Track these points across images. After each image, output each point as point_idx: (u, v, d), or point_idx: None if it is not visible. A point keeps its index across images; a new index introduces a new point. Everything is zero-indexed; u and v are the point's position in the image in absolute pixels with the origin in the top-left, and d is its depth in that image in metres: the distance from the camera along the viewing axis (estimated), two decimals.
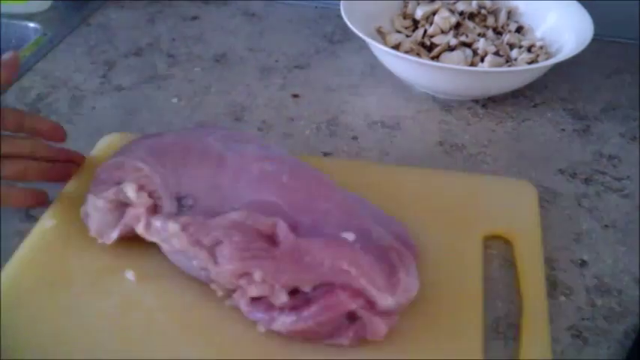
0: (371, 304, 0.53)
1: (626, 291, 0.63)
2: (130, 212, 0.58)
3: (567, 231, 0.69)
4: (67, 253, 0.61)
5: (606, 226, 0.70)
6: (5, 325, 0.55)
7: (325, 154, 0.78)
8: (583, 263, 0.65)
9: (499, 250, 0.65)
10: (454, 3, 0.95)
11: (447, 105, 0.88)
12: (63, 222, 0.64)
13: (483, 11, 0.95)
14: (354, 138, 0.82)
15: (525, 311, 0.58)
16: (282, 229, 0.55)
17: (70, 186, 0.68)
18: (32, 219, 0.67)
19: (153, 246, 0.59)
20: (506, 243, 0.65)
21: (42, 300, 0.57)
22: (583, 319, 0.60)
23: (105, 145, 0.74)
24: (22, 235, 0.65)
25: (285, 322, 0.53)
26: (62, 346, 0.53)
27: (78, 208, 0.63)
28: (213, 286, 0.56)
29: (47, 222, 0.63)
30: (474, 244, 0.64)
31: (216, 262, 0.54)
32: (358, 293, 0.53)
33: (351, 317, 0.53)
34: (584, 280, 0.63)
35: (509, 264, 0.63)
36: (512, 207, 0.68)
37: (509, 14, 0.97)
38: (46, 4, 1.06)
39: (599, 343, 0.58)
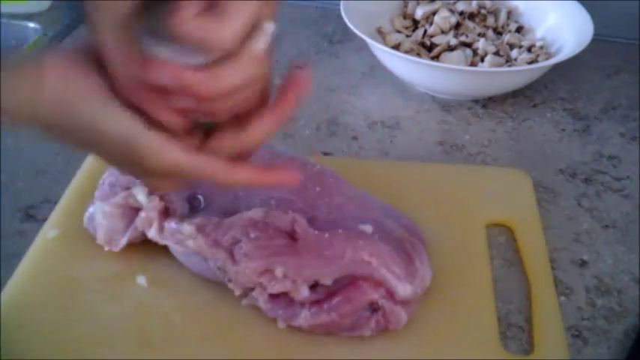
0: (390, 294, 0.54)
1: (626, 291, 0.63)
2: (141, 216, 0.58)
3: (567, 231, 0.69)
4: (74, 262, 0.61)
5: (606, 226, 0.70)
6: (19, 337, 0.54)
7: (325, 154, 0.78)
8: (583, 263, 0.65)
9: (500, 242, 0.65)
10: (454, 3, 0.95)
11: (446, 105, 0.88)
12: (66, 231, 0.63)
13: (483, 11, 0.95)
14: (354, 138, 0.82)
15: (534, 294, 0.60)
16: (302, 225, 0.55)
17: (69, 194, 0.68)
18: (32, 219, 0.67)
19: (160, 250, 0.60)
20: (508, 230, 0.67)
21: (55, 310, 0.57)
22: (583, 319, 0.60)
23: None
24: (22, 235, 0.65)
25: (306, 316, 0.54)
26: (80, 353, 0.54)
27: (79, 217, 0.63)
28: (230, 285, 0.56)
29: (50, 232, 0.63)
30: (477, 233, 0.65)
31: (235, 262, 0.54)
32: (379, 283, 0.54)
33: (372, 308, 0.54)
34: (584, 280, 0.63)
35: (512, 254, 0.65)
36: (510, 195, 0.71)
37: (510, 14, 0.97)
38: (46, 5, 1.06)
39: (599, 343, 0.58)
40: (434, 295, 0.58)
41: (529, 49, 0.90)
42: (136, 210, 0.59)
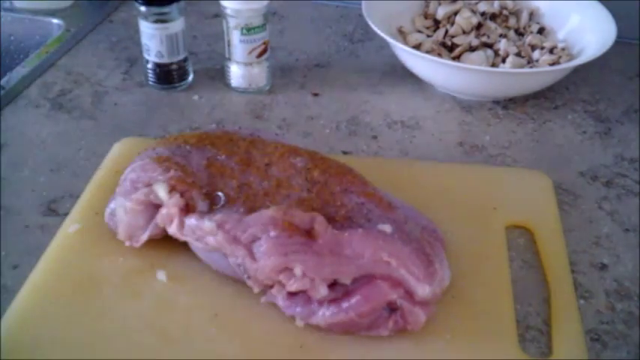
0: (409, 295, 0.54)
1: None
2: (162, 213, 0.59)
3: (587, 234, 0.68)
4: (94, 256, 0.61)
5: (627, 229, 0.69)
6: (39, 331, 0.55)
7: (345, 153, 0.78)
8: (603, 267, 0.65)
9: (519, 244, 0.65)
10: (476, 3, 0.95)
11: (467, 105, 0.88)
12: (87, 226, 0.64)
13: (505, 12, 0.95)
14: (374, 137, 0.82)
15: (553, 297, 0.60)
16: (321, 224, 0.55)
17: (90, 189, 0.68)
18: (54, 214, 0.68)
19: (180, 246, 0.60)
20: (528, 232, 0.67)
21: (74, 304, 0.57)
22: (602, 322, 0.59)
23: (120, 148, 0.74)
24: (44, 229, 0.66)
25: (325, 314, 0.54)
26: (100, 347, 0.54)
27: (100, 212, 0.63)
28: (249, 282, 0.56)
29: (71, 226, 0.64)
30: (496, 234, 0.65)
31: (254, 259, 0.54)
32: (398, 283, 0.54)
33: (390, 308, 0.54)
34: (603, 283, 0.63)
35: (531, 256, 0.64)
36: (530, 197, 0.70)
37: (531, 15, 0.96)
38: (69, 2, 1.07)
39: (618, 347, 0.57)
40: (453, 296, 0.58)
41: (551, 51, 0.89)
42: (157, 206, 0.59)
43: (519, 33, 0.94)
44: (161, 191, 0.58)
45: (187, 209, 0.58)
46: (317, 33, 1.05)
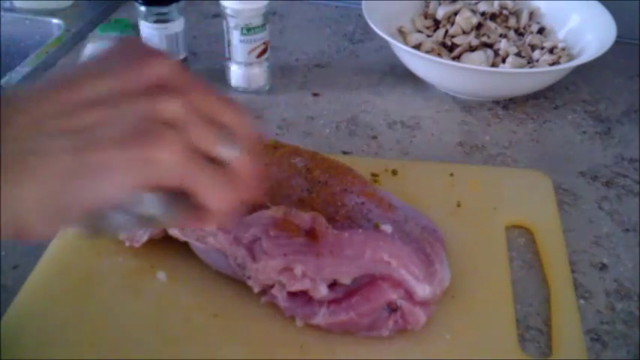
0: (409, 295, 0.54)
1: None
2: None
3: (587, 234, 0.68)
4: (95, 256, 0.61)
5: (627, 229, 0.69)
6: (39, 330, 0.55)
7: (345, 153, 0.78)
8: (603, 267, 0.65)
9: (519, 244, 0.65)
10: (476, 3, 0.95)
11: (467, 105, 0.88)
12: None
13: (505, 12, 0.95)
14: (374, 137, 0.82)
15: (553, 297, 0.60)
16: (322, 224, 0.55)
17: None
18: None
19: (180, 247, 0.60)
20: (528, 232, 0.67)
21: (74, 303, 0.57)
22: (602, 322, 0.59)
23: None
24: None
25: (325, 314, 0.54)
26: (100, 347, 0.54)
27: None
28: (249, 282, 0.56)
29: None
30: (496, 234, 0.65)
31: (255, 259, 0.54)
32: (398, 284, 0.54)
33: (390, 308, 0.54)
34: (603, 283, 0.63)
35: (532, 256, 0.64)
36: (530, 197, 0.70)
37: (531, 15, 0.96)
38: (69, 2, 1.07)
39: (618, 347, 0.57)
40: (453, 296, 0.58)
41: (551, 51, 0.89)
42: None
43: (519, 33, 0.94)
44: None
45: None
46: (317, 33, 1.05)
